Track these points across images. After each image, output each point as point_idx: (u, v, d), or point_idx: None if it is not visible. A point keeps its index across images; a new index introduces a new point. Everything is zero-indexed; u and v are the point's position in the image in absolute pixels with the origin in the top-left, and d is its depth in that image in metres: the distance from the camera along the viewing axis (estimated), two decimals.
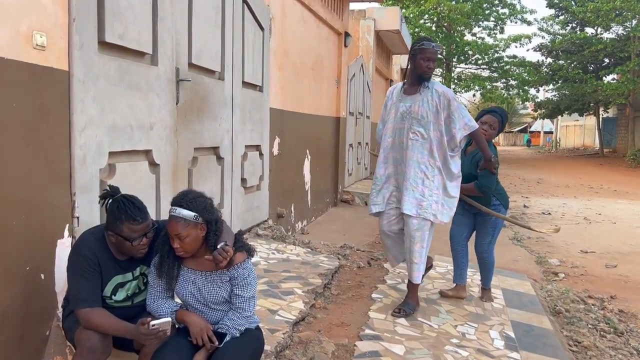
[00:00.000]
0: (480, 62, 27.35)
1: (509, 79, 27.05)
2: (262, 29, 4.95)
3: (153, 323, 1.93)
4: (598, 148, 30.07)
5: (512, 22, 27.20)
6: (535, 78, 27.53)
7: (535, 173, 18.69)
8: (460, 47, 25.56)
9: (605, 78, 26.97)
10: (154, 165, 3.19)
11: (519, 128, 57.56)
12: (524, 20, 27.13)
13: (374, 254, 5.09)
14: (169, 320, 1.99)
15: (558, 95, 29.63)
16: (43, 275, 2.33)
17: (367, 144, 11.16)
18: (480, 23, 26.80)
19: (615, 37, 26.19)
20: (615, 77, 26.05)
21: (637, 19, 24.03)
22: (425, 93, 3.48)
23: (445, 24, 25.65)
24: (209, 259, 2.09)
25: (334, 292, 3.85)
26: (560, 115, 33.59)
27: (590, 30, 27.51)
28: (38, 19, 2.22)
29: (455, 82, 26.58)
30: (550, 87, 30.45)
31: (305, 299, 3.41)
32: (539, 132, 51.50)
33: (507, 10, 26.71)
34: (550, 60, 29.17)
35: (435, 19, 25.55)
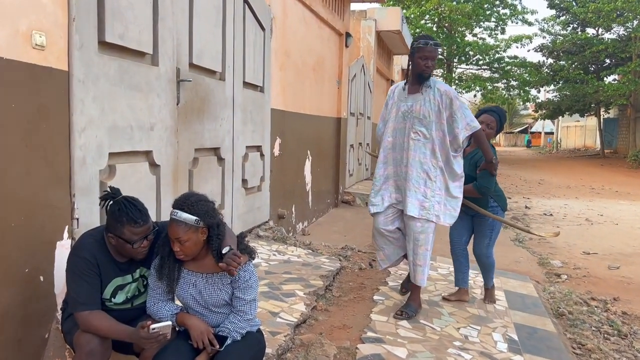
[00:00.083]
0: (481, 62, 27.37)
1: (510, 80, 27.08)
2: (263, 29, 4.93)
3: (153, 326, 1.90)
4: (599, 149, 30.02)
5: (513, 22, 27.25)
6: (536, 79, 27.51)
7: (537, 174, 18.65)
8: (461, 47, 25.54)
9: (607, 79, 26.93)
10: (155, 166, 3.17)
11: (520, 129, 57.48)
12: (525, 21, 27.17)
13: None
14: (169, 324, 1.96)
15: (559, 96, 29.57)
16: (42, 277, 2.31)
17: (367, 145, 11.14)
18: (481, 23, 26.82)
19: (617, 37, 26.18)
20: (617, 77, 26.00)
21: (638, 20, 24.00)
22: (428, 92, 3.41)
23: (446, 25, 25.65)
24: (223, 267, 2.04)
25: (336, 294, 3.82)
26: (561, 116, 33.53)
27: (592, 31, 27.49)
28: (37, 19, 2.20)
29: (456, 82, 26.55)
30: (551, 87, 30.39)
31: (307, 301, 3.39)
32: (540, 132, 51.49)
33: (508, 11, 26.76)
34: (551, 61, 29.13)
35: (436, 20, 25.55)
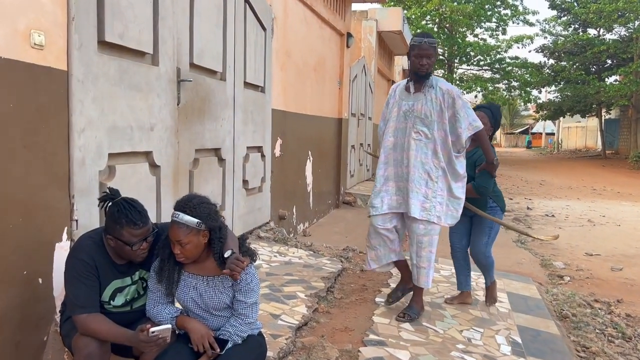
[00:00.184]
0: (482, 63, 27.35)
1: (511, 80, 27.07)
2: (264, 29, 4.91)
3: (153, 330, 1.87)
4: (600, 149, 29.99)
5: (514, 23, 27.26)
6: (537, 79, 27.48)
7: (538, 174, 18.61)
8: (462, 48, 25.53)
9: (608, 79, 26.93)
10: (155, 167, 3.14)
11: (521, 129, 57.41)
12: (526, 22, 27.16)
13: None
14: (169, 327, 1.93)
15: (560, 97, 29.56)
16: (41, 280, 2.29)
17: (369, 145, 11.12)
18: (482, 24, 26.80)
19: (618, 38, 26.16)
20: (618, 78, 25.98)
21: (639, 20, 23.98)
22: (430, 91, 3.33)
23: (447, 25, 25.63)
24: (227, 273, 2.01)
25: (337, 295, 3.79)
26: (562, 117, 33.51)
27: (593, 32, 27.48)
28: (36, 18, 2.18)
29: (457, 83, 26.52)
30: (553, 88, 30.39)
31: (308, 303, 3.36)
32: (541, 133, 51.46)
33: (509, 12, 26.74)
34: (553, 62, 29.12)
35: (437, 20, 25.52)
